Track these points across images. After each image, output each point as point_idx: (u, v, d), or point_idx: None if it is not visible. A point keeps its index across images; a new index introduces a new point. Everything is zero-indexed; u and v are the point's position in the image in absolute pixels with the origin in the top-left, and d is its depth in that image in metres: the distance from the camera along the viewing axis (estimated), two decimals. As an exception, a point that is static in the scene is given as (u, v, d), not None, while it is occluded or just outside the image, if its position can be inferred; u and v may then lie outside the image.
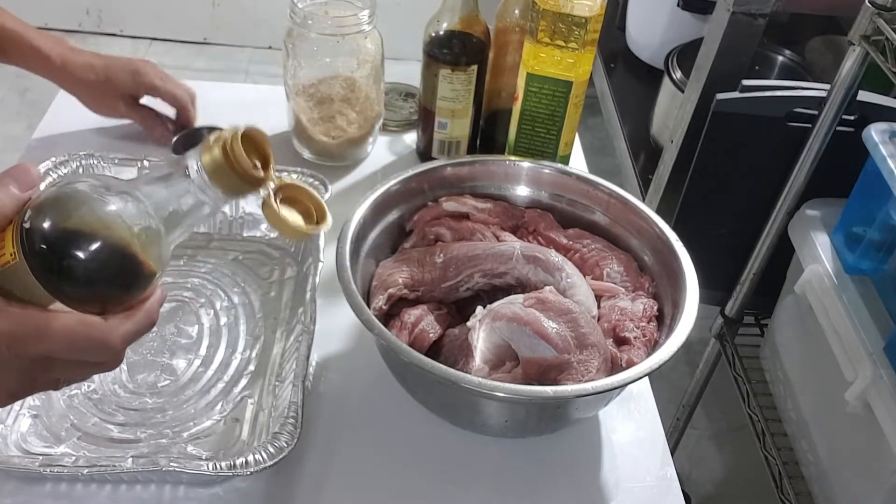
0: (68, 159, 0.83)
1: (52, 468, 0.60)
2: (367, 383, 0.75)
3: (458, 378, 0.60)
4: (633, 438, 0.74)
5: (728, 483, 1.59)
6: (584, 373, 0.64)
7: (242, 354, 0.76)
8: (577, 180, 0.80)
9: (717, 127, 1.12)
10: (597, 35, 0.81)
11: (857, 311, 0.97)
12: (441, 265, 0.74)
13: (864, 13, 0.92)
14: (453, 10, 0.88)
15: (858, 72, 0.98)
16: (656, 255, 0.75)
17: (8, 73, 0.73)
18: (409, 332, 0.70)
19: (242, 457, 0.61)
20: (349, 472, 0.69)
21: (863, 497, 0.97)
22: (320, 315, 0.71)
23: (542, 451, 0.72)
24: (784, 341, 1.18)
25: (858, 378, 0.93)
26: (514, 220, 0.80)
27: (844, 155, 1.02)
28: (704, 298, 0.70)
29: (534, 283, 0.72)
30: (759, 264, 1.18)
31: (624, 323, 0.70)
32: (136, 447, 0.68)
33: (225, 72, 2.53)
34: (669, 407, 1.38)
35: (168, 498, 0.65)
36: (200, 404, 0.72)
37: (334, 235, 0.71)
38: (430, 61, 0.90)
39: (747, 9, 1.07)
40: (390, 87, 1.10)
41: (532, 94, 0.84)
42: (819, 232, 1.08)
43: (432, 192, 0.80)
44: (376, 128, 0.99)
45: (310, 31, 0.89)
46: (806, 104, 1.08)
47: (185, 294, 0.81)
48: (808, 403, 1.11)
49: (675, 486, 0.71)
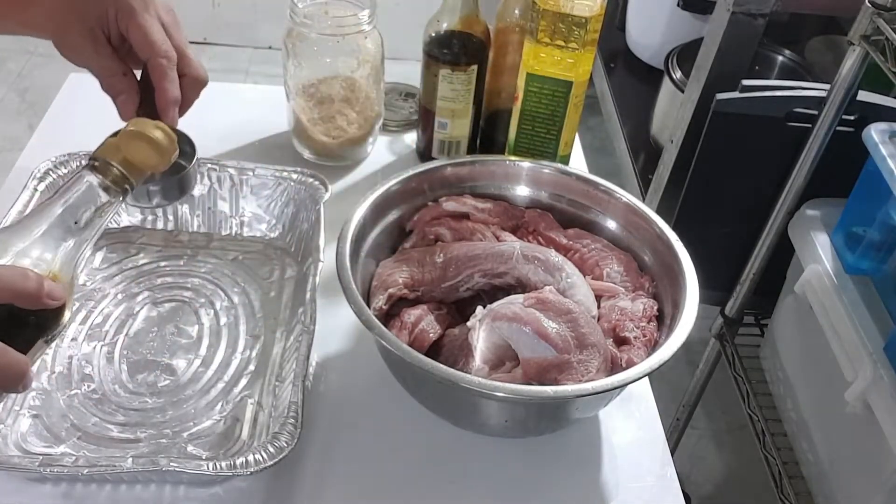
0: (68, 159, 0.83)
1: (52, 468, 0.60)
2: (367, 383, 0.75)
3: (458, 378, 0.60)
4: (633, 438, 0.74)
5: (728, 483, 1.59)
6: (584, 373, 0.64)
7: (242, 354, 0.76)
8: (577, 180, 0.80)
9: (717, 127, 1.12)
10: (597, 35, 0.81)
11: (857, 311, 0.97)
12: (441, 265, 0.74)
13: (864, 13, 0.92)
14: (453, 10, 0.88)
15: (858, 72, 0.98)
16: (656, 255, 0.75)
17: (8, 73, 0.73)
18: (409, 332, 0.70)
19: (242, 457, 0.61)
20: (349, 471, 0.69)
21: (863, 497, 0.97)
22: (320, 315, 0.71)
23: (542, 451, 0.72)
24: (784, 341, 1.18)
25: (858, 378, 0.93)
26: (514, 220, 0.80)
27: (844, 155, 1.03)
28: (704, 298, 0.70)
29: (534, 283, 0.72)
30: (759, 264, 1.18)
31: (624, 323, 0.70)
32: (136, 447, 0.68)
33: (225, 72, 2.53)
34: (669, 407, 1.38)
35: (168, 498, 0.65)
36: (200, 404, 0.72)
37: (334, 235, 0.71)
38: (430, 61, 0.90)
39: (747, 9, 1.07)
40: (390, 87, 1.10)
41: (532, 94, 0.85)
42: (819, 232, 1.08)
43: (432, 192, 0.80)
44: (376, 128, 0.99)
45: (310, 31, 0.89)
46: (806, 104, 1.08)
47: (185, 294, 0.81)
48: (808, 403, 1.11)
49: (675, 486, 0.71)
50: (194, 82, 0.67)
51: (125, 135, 0.58)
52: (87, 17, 0.64)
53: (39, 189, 0.79)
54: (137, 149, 0.57)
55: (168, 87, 0.64)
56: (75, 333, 0.76)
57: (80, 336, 0.76)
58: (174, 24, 0.67)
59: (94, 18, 0.64)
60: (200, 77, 0.67)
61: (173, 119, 0.64)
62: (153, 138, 0.58)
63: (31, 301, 0.52)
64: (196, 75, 0.66)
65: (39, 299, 0.52)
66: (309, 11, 0.89)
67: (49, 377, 0.72)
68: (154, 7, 0.65)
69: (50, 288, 0.52)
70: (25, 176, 0.80)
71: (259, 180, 0.85)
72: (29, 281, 0.51)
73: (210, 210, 0.86)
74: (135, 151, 0.57)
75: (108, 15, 0.64)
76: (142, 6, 0.64)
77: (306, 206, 0.84)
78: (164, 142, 0.59)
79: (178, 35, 0.66)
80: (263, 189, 0.85)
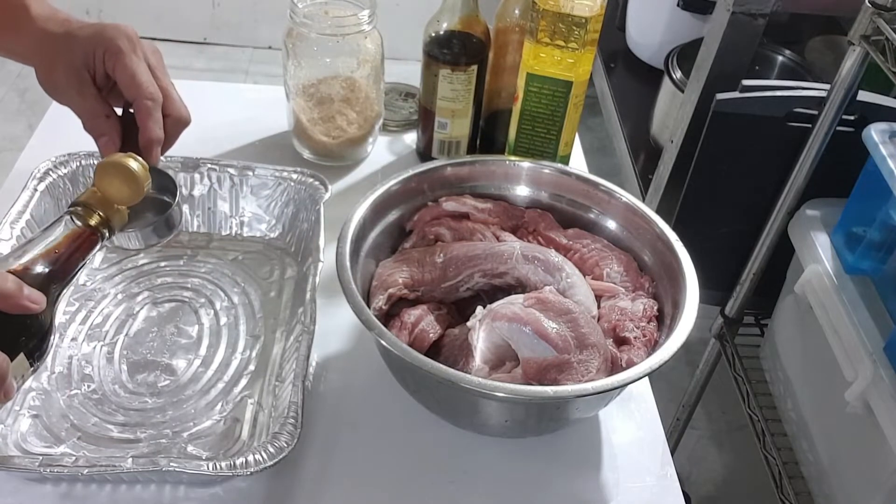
0: (68, 159, 0.83)
1: (52, 468, 0.60)
2: (367, 383, 0.75)
3: (458, 378, 0.60)
4: (633, 438, 0.74)
5: (728, 483, 1.59)
6: (584, 373, 0.64)
7: (242, 354, 0.76)
8: (577, 180, 0.80)
9: (717, 127, 1.12)
10: (597, 35, 0.81)
11: (857, 311, 0.97)
12: (441, 265, 0.74)
13: (864, 13, 0.92)
14: (453, 10, 0.88)
15: (858, 72, 0.98)
16: (656, 255, 0.75)
17: (8, 73, 0.72)
18: (409, 332, 0.70)
19: (242, 457, 0.61)
20: (349, 472, 0.69)
21: (863, 497, 0.97)
22: (320, 315, 0.71)
23: (542, 451, 0.72)
24: (784, 341, 1.18)
25: (858, 378, 0.93)
26: (514, 220, 0.80)
27: (844, 155, 1.03)
28: (704, 298, 0.70)
29: (534, 283, 0.72)
30: (759, 264, 1.18)
31: (624, 323, 0.70)
32: (136, 447, 0.68)
33: (225, 72, 2.53)
34: (669, 407, 1.38)
35: (168, 498, 0.65)
36: (200, 404, 0.72)
37: (334, 235, 0.71)
38: (430, 61, 0.90)
39: (747, 9, 1.07)
40: (390, 87, 1.10)
41: (532, 94, 0.85)
42: (819, 232, 1.08)
43: (432, 192, 0.80)
44: (376, 128, 0.99)
45: (310, 31, 0.89)
46: (806, 104, 1.08)
47: (185, 294, 0.81)
48: (808, 403, 1.11)
49: (675, 486, 0.71)
50: (177, 123, 0.67)
51: (98, 171, 0.60)
52: (73, 57, 0.65)
53: (39, 189, 0.79)
54: (110, 183, 0.60)
55: (152, 126, 0.64)
56: (75, 333, 0.76)
57: (80, 336, 0.76)
58: (160, 66, 0.68)
59: (81, 57, 0.65)
60: (183, 118, 0.67)
61: (156, 158, 0.65)
62: (127, 167, 0.60)
63: (11, 301, 0.52)
64: (179, 116, 0.67)
65: (19, 300, 0.52)
66: (309, 11, 0.89)
67: (49, 377, 0.72)
68: (141, 49, 0.66)
69: (30, 291, 0.53)
70: (25, 176, 0.80)
71: (259, 180, 0.85)
72: (7, 282, 0.52)
73: (210, 210, 0.86)
74: (108, 185, 0.60)
75: (95, 55, 0.65)
76: (130, 48, 0.65)
77: (306, 206, 0.84)
78: (138, 170, 0.60)
79: (164, 76, 0.67)
80: (263, 189, 0.85)
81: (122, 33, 0.65)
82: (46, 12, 0.68)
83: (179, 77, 0.97)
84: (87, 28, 0.66)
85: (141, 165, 0.61)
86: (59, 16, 0.68)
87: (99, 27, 0.66)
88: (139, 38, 0.66)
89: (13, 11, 0.68)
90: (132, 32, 0.66)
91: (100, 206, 0.59)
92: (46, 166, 0.81)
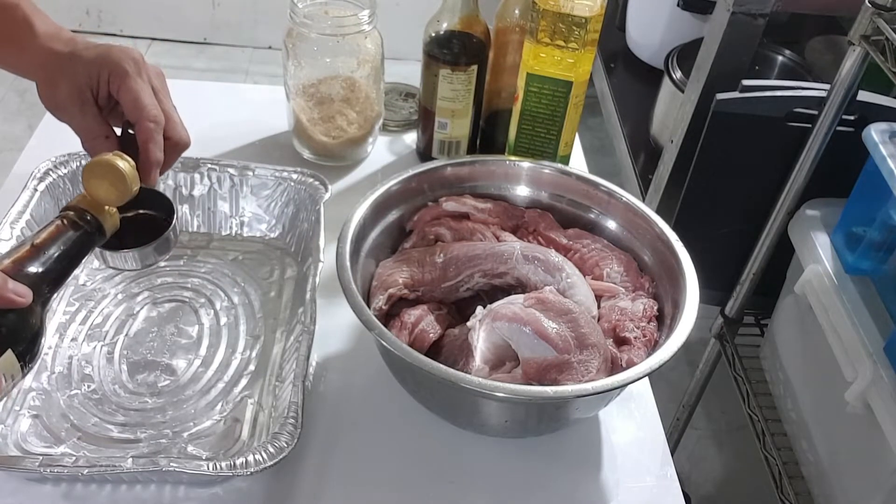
0: (68, 159, 0.83)
1: (52, 468, 0.60)
2: (367, 383, 0.75)
3: (458, 378, 0.60)
4: (633, 438, 0.74)
5: (728, 483, 1.59)
6: (584, 373, 0.64)
7: (242, 354, 0.76)
8: (577, 180, 0.80)
9: (717, 127, 1.12)
10: (597, 35, 0.81)
11: (857, 311, 0.97)
12: (441, 265, 0.74)
13: (864, 13, 0.92)
14: (453, 10, 0.88)
15: (858, 72, 0.98)
16: (656, 255, 0.75)
17: (8, 73, 0.72)
18: (409, 332, 0.70)
19: (242, 457, 0.61)
20: (349, 472, 0.69)
21: (863, 497, 0.97)
22: (320, 315, 0.71)
23: (542, 451, 0.72)
24: (784, 341, 1.18)
25: (858, 378, 0.93)
26: (514, 220, 0.80)
27: (844, 155, 1.03)
28: (704, 298, 0.70)
29: (534, 283, 0.72)
30: (759, 264, 1.18)
31: (624, 323, 0.70)
32: (136, 447, 0.68)
33: (225, 72, 2.53)
34: (669, 407, 1.38)
35: (168, 498, 0.65)
36: (200, 404, 0.72)
37: (334, 235, 0.71)
38: (430, 61, 0.90)
39: (747, 9, 1.07)
40: (390, 87, 1.10)
41: (532, 94, 0.85)
42: (819, 232, 1.08)
43: (432, 192, 0.80)
44: (376, 128, 0.99)
45: (310, 31, 0.89)
46: (806, 104, 1.08)
47: (185, 294, 0.81)
48: (808, 403, 1.11)
49: (675, 486, 0.71)
50: (176, 146, 0.67)
51: (85, 171, 0.60)
52: (77, 77, 0.65)
53: (39, 189, 0.79)
54: (99, 184, 0.60)
55: (153, 149, 0.64)
56: (75, 333, 0.76)
57: (80, 336, 0.76)
58: (163, 89, 0.68)
59: (85, 78, 0.65)
60: (183, 141, 0.68)
61: (154, 180, 0.65)
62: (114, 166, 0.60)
63: None
64: (179, 139, 0.67)
65: (3, 292, 0.52)
66: (309, 11, 0.89)
67: (49, 377, 0.72)
68: (146, 71, 0.67)
69: (15, 285, 0.53)
70: (25, 176, 0.80)
71: (259, 180, 0.85)
72: None
73: (210, 210, 0.86)
74: (97, 186, 0.60)
75: (100, 76, 0.65)
76: (135, 70, 0.65)
77: (306, 206, 0.84)
78: (125, 169, 0.60)
79: (167, 99, 0.68)
80: (263, 189, 0.85)
81: (128, 56, 0.66)
82: (51, 30, 0.69)
83: (179, 77, 0.98)
84: (92, 49, 0.66)
85: (128, 164, 0.60)
86: (64, 35, 0.69)
87: (105, 48, 0.66)
88: (144, 61, 0.67)
89: (17, 29, 0.68)
90: (138, 55, 0.67)
91: (90, 208, 0.60)
92: (46, 166, 0.81)
